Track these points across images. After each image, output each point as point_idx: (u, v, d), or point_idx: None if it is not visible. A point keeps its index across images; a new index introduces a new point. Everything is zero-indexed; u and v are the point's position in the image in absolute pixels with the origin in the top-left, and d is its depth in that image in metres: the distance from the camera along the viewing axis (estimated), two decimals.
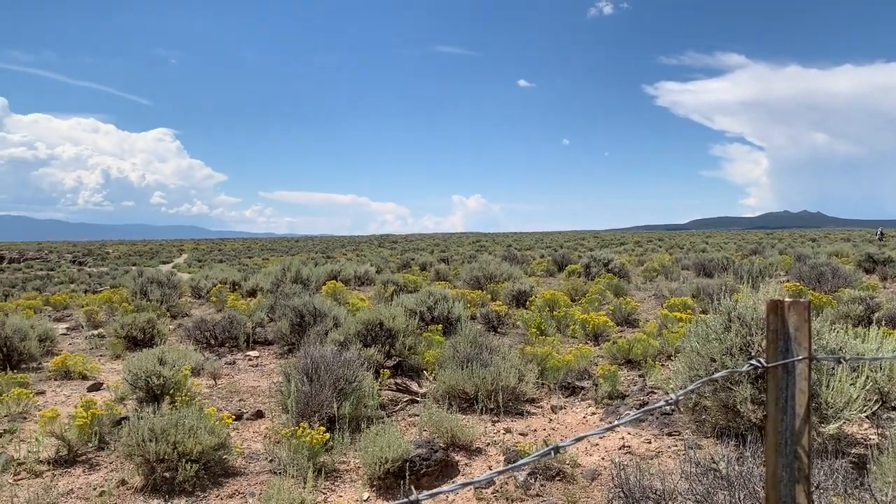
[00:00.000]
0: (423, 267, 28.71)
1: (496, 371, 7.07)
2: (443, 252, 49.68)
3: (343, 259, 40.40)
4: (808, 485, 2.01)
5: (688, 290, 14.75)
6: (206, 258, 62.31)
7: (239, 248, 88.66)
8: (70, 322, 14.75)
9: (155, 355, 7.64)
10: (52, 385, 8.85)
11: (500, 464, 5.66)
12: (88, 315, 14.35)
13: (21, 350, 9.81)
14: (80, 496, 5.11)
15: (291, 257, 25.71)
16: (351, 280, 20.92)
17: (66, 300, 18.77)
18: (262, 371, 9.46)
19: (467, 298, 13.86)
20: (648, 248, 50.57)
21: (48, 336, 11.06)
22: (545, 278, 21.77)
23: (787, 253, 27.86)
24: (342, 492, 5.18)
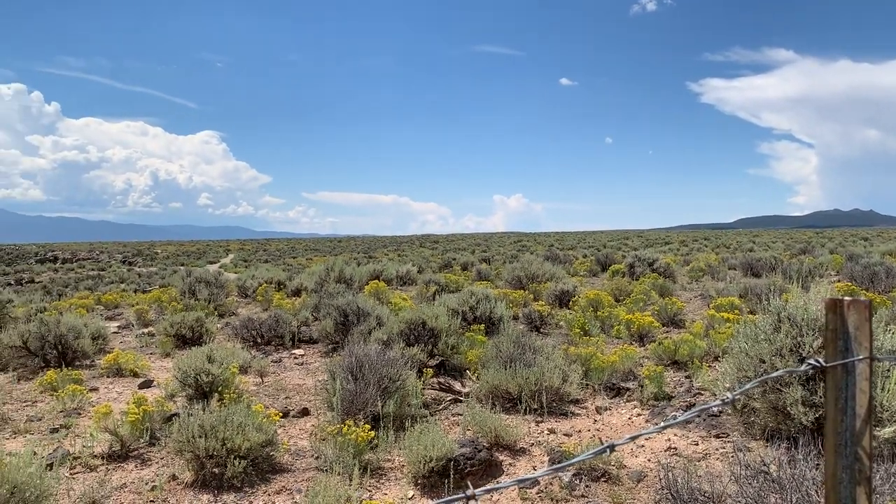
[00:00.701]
0: (464, 267, 28.72)
1: (540, 371, 7.04)
2: (484, 252, 49.63)
3: (385, 259, 40.66)
4: (868, 487, 1.96)
5: (735, 291, 14.47)
6: (251, 258, 63.32)
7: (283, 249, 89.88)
8: (121, 321, 15.13)
9: (204, 353, 7.79)
10: (104, 382, 9.08)
11: (545, 464, 5.63)
12: (139, 314, 14.70)
13: (75, 348, 10.10)
14: (133, 490, 5.24)
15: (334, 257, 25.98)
16: (393, 280, 21.04)
17: (116, 299, 19.26)
18: (307, 369, 9.57)
19: (509, 298, 13.82)
20: (694, 247, 49.77)
21: (100, 334, 11.36)
22: (588, 278, 21.58)
23: (838, 252, 27.14)
24: (387, 489, 5.21)
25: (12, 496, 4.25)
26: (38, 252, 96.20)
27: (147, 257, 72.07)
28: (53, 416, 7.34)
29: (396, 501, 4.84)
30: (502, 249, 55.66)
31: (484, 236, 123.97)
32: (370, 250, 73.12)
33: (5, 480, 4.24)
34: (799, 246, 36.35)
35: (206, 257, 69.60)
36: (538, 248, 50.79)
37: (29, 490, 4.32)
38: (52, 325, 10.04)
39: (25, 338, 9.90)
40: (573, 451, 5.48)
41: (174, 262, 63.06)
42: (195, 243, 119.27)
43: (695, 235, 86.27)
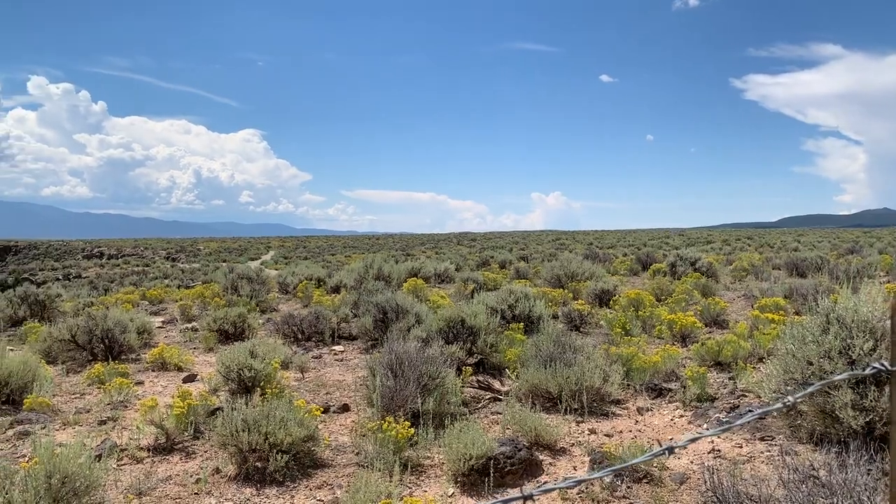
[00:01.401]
0: (502, 265, 28.65)
1: (580, 371, 6.99)
2: (522, 250, 49.44)
3: (422, 257, 40.78)
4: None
5: (780, 291, 14.18)
6: (291, 255, 64.09)
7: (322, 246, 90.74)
8: (165, 316, 15.44)
9: (246, 348, 7.91)
10: (149, 375, 9.28)
11: (586, 465, 5.58)
12: (182, 309, 14.98)
13: (121, 342, 10.34)
14: (178, 483, 5.34)
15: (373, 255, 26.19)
16: (431, 277, 21.09)
17: (161, 295, 19.65)
18: (346, 365, 9.64)
19: (548, 297, 13.75)
20: (737, 246, 48.90)
21: (146, 329, 11.61)
22: (629, 277, 21.36)
23: (888, 252, 26.39)
24: (427, 487, 5.22)
25: (63, 486, 4.37)
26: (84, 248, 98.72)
27: (190, 254, 73.40)
28: (101, 409, 7.52)
29: (437, 499, 4.85)
30: (540, 248, 55.41)
31: (522, 234, 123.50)
32: (408, 248, 73.42)
33: (57, 470, 4.36)
34: (846, 245, 35.44)
35: (248, 254, 70.64)
36: (577, 247, 50.45)
37: (79, 480, 4.43)
38: (100, 319, 10.29)
39: (74, 332, 10.17)
40: (614, 451, 5.43)
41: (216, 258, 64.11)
42: (237, 240, 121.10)
43: (737, 234, 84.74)
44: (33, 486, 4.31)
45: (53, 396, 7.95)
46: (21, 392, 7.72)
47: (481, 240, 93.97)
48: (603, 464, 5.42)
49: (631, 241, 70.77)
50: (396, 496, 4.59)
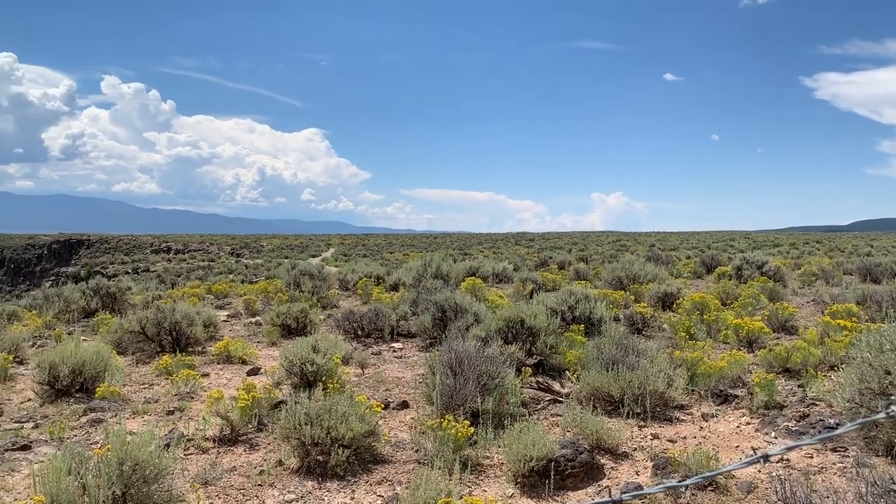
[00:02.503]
0: (561, 266, 28.38)
1: (644, 374, 6.85)
2: (581, 251, 48.91)
3: (480, 256, 40.74)
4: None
5: (852, 297, 13.64)
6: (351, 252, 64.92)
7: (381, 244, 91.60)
8: (230, 310, 15.81)
9: (308, 343, 8.03)
10: (215, 368, 9.51)
11: (648, 470, 5.47)
12: (247, 304, 15.31)
13: (188, 334, 10.63)
14: (242, 474, 5.45)
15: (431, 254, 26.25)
16: (489, 277, 21.03)
17: (226, 289, 20.14)
18: (405, 362, 9.69)
19: (609, 299, 13.54)
20: (805, 250, 47.30)
21: (211, 322, 11.91)
22: (692, 280, 20.88)
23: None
24: (486, 486, 5.20)
25: (134, 472, 4.51)
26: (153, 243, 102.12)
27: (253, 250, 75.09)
28: (168, 399, 7.74)
29: (496, 499, 4.82)
30: (600, 249, 54.70)
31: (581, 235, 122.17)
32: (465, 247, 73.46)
33: (128, 457, 4.50)
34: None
35: (309, 251, 71.87)
36: (638, 248, 49.63)
37: (149, 468, 4.56)
38: (168, 312, 10.60)
39: (143, 324, 10.50)
40: (679, 457, 5.29)
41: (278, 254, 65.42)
42: (298, 237, 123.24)
43: (806, 238, 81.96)
44: (106, 471, 4.45)
45: (124, 386, 8.23)
46: (94, 381, 8.01)
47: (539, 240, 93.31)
48: (666, 469, 5.30)
49: (694, 243, 69.22)
50: (456, 495, 4.57)
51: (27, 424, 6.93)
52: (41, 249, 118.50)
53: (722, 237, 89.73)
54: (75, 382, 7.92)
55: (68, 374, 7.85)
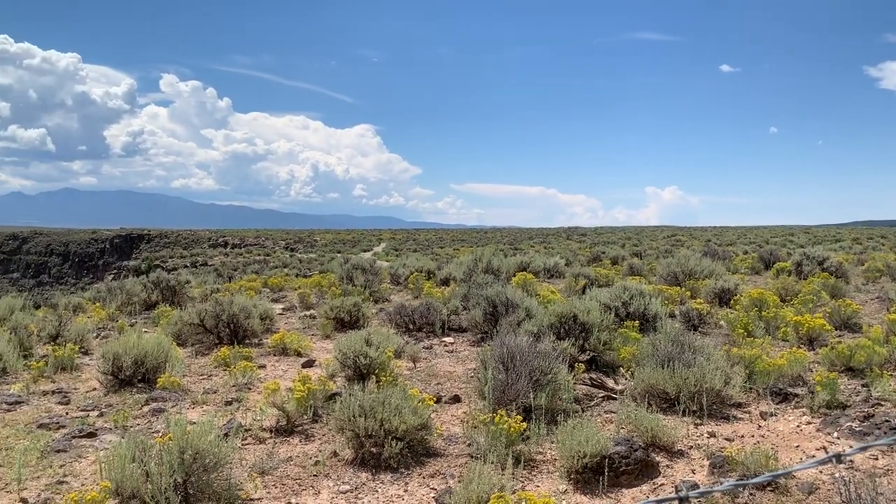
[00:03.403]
0: (614, 261, 28.02)
1: (700, 372, 6.72)
2: (635, 246, 48.24)
3: (531, 251, 40.52)
4: None
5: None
6: (401, 247, 65.33)
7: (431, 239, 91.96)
8: (285, 303, 16.09)
9: (362, 337, 8.12)
10: (271, 360, 9.69)
11: (705, 468, 5.37)
12: (301, 297, 15.56)
13: (245, 327, 10.85)
14: (298, 464, 5.55)
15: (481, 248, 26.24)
16: (540, 272, 20.89)
17: (281, 283, 20.49)
18: (457, 357, 9.71)
19: (664, 295, 13.32)
20: (868, 245, 45.66)
21: (267, 315, 12.14)
22: (750, 276, 20.37)
23: None
24: (539, 482, 5.18)
25: (195, 461, 4.63)
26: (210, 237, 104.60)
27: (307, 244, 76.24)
28: (227, 390, 7.93)
29: (549, 494, 4.80)
30: (655, 244, 53.84)
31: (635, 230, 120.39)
32: (516, 242, 73.21)
33: (189, 446, 4.63)
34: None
35: (360, 245, 72.62)
36: (694, 243, 48.69)
37: (209, 457, 4.68)
38: (226, 305, 10.84)
39: (202, 316, 10.77)
40: (736, 456, 5.18)
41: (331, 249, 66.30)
42: (350, 232, 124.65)
43: (870, 233, 79.09)
44: (167, 459, 4.58)
45: (183, 377, 8.45)
46: (155, 371, 8.25)
47: (592, 235, 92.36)
48: (724, 468, 5.20)
49: (752, 238, 67.56)
50: (509, 490, 4.57)
51: (92, 413, 7.18)
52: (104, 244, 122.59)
53: (780, 232, 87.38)
54: (137, 373, 8.18)
55: (131, 365, 8.10)
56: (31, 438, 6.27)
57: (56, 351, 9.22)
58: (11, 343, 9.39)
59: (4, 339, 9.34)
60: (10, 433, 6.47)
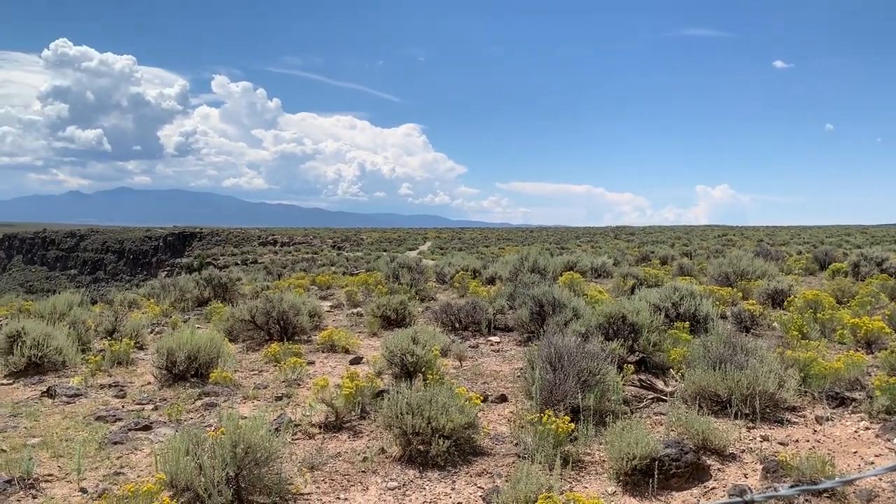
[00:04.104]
0: (663, 261, 27.61)
1: (753, 374, 6.58)
2: (685, 245, 47.45)
3: (578, 250, 40.18)
4: None
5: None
6: (447, 246, 65.44)
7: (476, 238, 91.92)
8: (333, 301, 16.27)
9: (408, 335, 8.17)
10: (319, 356, 9.81)
11: (758, 473, 5.26)
12: (348, 295, 15.72)
13: (295, 324, 11.01)
14: (346, 460, 5.62)
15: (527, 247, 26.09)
16: (587, 272, 20.69)
17: (328, 281, 20.73)
18: (503, 356, 9.69)
19: (715, 296, 13.07)
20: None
21: (316, 312, 12.30)
22: (804, 277, 19.86)
23: None
24: (587, 483, 5.14)
25: (246, 455, 4.72)
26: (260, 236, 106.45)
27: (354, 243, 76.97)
28: (277, 385, 8.06)
29: (598, 496, 4.76)
30: (705, 243, 52.86)
31: (684, 229, 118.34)
32: (562, 241, 72.68)
33: (241, 440, 4.72)
34: None
35: (406, 244, 72.99)
36: (746, 243, 47.66)
37: (260, 451, 4.77)
38: (276, 302, 11.02)
39: (253, 313, 10.96)
40: (791, 461, 5.06)
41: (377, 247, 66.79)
42: (396, 231, 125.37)
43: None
44: (220, 453, 4.69)
45: (235, 372, 8.62)
46: (207, 366, 8.43)
47: (640, 234, 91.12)
48: (777, 473, 5.08)
49: (806, 238, 65.81)
50: (557, 490, 4.54)
51: (147, 406, 7.38)
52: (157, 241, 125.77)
53: (836, 232, 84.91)
54: (191, 368, 8.37)
55: (184, 360, 8.30)
56: (90, 430, 6.48)
57: (112, 346, 9.49)
58: (70, 338, 9.70)
59: (64, 334, 9.64)
60: (69, 425, 6.69)
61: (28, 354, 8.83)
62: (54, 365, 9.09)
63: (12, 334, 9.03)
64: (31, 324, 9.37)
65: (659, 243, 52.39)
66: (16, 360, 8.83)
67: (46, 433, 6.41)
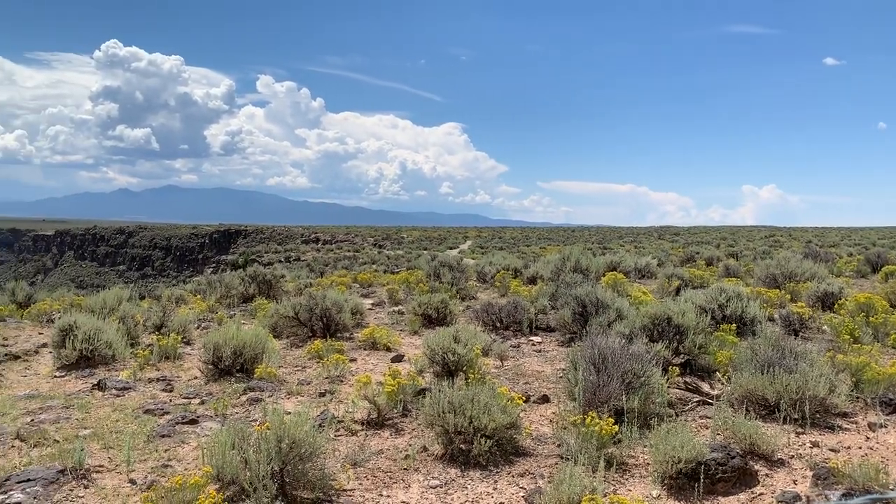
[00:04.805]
0: (709, 262, 27.14)
1: (802, 378, 6.42)
2: (731, 246, 46.61)
3: (621, 250, 39.73)
4: None
5: None
6: (487, 245, 65.34)
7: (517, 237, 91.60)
8: (374, 298, 16.38)
9: (450, 333, 8.17)
10: (361, 353, 9.89)
11: (807, 479, 5.13)
12: (390, 293, 15.81)
13: (337, 321, 11.11)
14: (388, 457, 5.64)
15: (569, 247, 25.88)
16: (631, 272, 20.44)
17: (370, 279, 20.88)
18: (544, 356, 9.64)
19: (763, 298, 12.80)
20: None
21: (358, 310, 12.40)
22: (855, 279, 19.33)
23: None
24: (631, 486, 5.08)
25: (291, 450, 4.78)
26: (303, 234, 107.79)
27: (394, 241, 77.37)
28: (320, 382, 8.15)
29: (642, 499, 4.70)
30: (752, 244, 51.82)
31: (730, 229, 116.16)
32: (604, 241, 71.99)
33: (286, 435, 4.78)
34: None
35: (447, 243, 73.09)
36: (794, 244, 46.60)
37: (304, 446, 4.82)
38: (319, 299, 11.14)
39: (297, 310, 11.10)
40: (842, 468, 4.93)
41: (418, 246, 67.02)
42: (437, 229, 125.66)
43: None
44: (265, 448, 4.75)
45: (279, 368, 8.73)
46: (253, 362, 8.56)
47: (685, 234, 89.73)
48: (828, 480, 4.95)
49: (857, 239, 64.04)
50: (600, 492, 4.50)
51: (194, 400, 7.52)
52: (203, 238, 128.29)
53: (889, 233, 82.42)
54: (236, 363, 8.51)
55: (230, 355, 8.44)
56: (138, 423, 6.63)
57: (160, 340, 9.71)
58: (120, 332, 9.94)
59: (113, 329, 9.89)
60: (119, 417, 6.85)
61: (79, 348, 9.07)
62: (104, 358, 9.33)
63: (65, 328, 9.29)
64: (82, 318, 9.62)
65: (704, 244, 51.52)
66: (68, 353, 9.08)
67: (97, 425, 6.57)
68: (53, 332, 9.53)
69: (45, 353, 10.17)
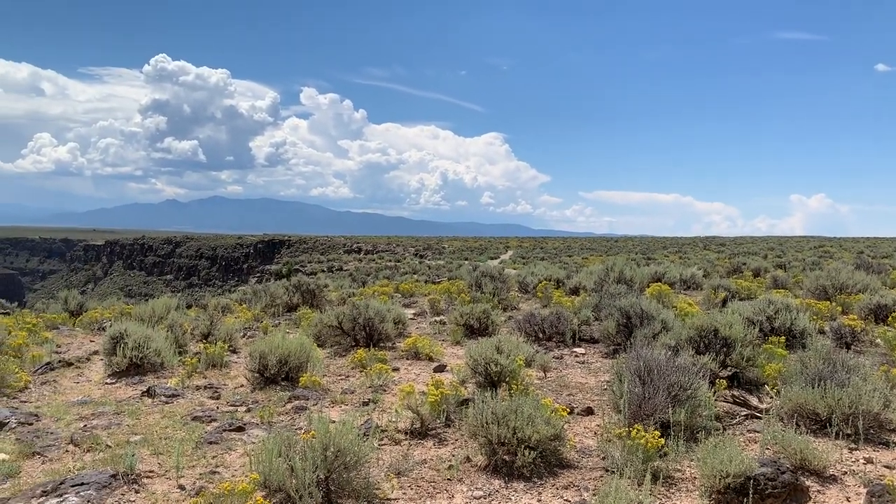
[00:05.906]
0: (756, 273, 26.59)
1: (855, 393, 6.26)
2: (779, 257, 45.58)
3: (665, 261, 39.18)
4: None
5: None
6: (529, 255, 65.05)
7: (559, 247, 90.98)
8: (416, 308, 16.44)
9: (492, 344, 8.16)
10: (404, 363, 9.94)
11: (861, 496, 5.00)
12: (431, 303, 15.85)
13: (380, 330, 11.18)
14: (432, 467, 5.66)
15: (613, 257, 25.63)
16: (676, 283, 20.14)
17: (411, 289, 20.96)
18: (588, 368, 9.55)
19: (813, 310, 12.50)
20: None
21: (400, 320, 12.45)
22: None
23: None
24: (677, 500, 5.01)
25: (336, 458, 4.84)
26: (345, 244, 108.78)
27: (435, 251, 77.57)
28: (363, 391, 8.21)
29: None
30: (800, 255, 50.59)
31: (778, 240, 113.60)
32: (648, 251, 71.04)
33: (332, 443, 4.83)
34: None
35: (488, 253, 72.97)
36: (844, 255, 45.37)
37: (349, 455, 4.87)
38: (362, 309, 11.23)
39: (340, 319, 11.21)
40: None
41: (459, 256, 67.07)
42: (478, 239, 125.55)
43: None
44: (311, 456, 4.81)
45: (323, 377, 8.83)
46: (297, 370, 8.67)
47: (731, 245, 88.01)
48: (883, 498, 4.81)
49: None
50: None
51: (241, 408, 7.65)
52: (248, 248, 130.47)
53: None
54: (281, 371, 8.63)
55: (276, 364, 8.56)
56: (187, 430, 6.77)
57: (208, 349, 9.90)
58: (168, 340, 10.16)
59: (162, 337, 10.11)
60: (168, 424, 7.01)
61: (130, 355, 9.31)
62: (153, 366, 9.55)
63: (116, 336, 9.54)
64: (132, 326, 9.87)
65: (751, 254, 50.46)
66: (118, 361, 9.33)
67: (147, 431, 6.73)
68: (105, 339, 9.79)
69: (96, 361, 10.46)
